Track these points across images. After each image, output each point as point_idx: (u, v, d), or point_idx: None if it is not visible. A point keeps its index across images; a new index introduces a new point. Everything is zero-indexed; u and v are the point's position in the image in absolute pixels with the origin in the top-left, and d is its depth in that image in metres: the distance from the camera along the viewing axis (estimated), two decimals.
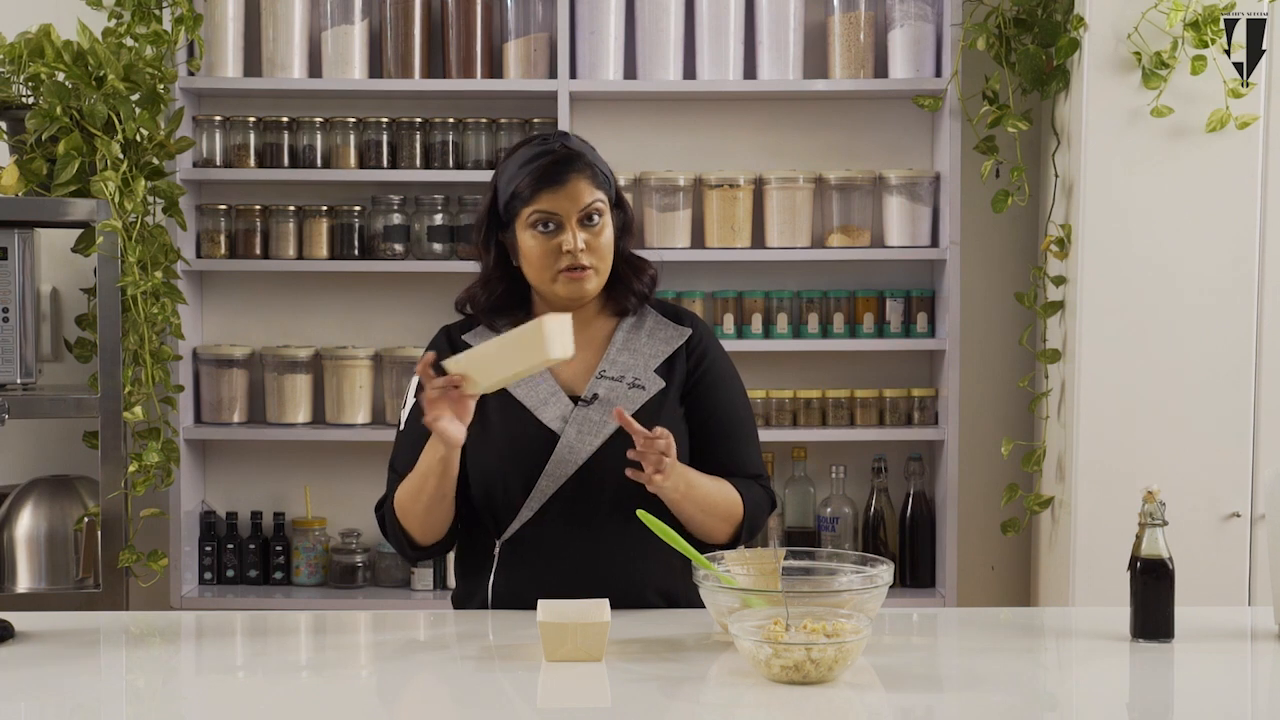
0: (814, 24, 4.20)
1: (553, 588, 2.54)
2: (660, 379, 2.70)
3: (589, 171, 2.65)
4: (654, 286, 2.80)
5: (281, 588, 4.17)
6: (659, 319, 2.78)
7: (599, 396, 2.66)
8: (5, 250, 3.76)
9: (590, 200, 2.64)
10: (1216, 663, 2.38)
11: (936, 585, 4.14)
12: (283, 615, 3.24)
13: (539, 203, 2.63)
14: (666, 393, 2.70)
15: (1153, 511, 2.42)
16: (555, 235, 2.63)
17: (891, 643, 2.49)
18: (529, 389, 2.67)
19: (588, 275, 2.65)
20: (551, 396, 2.67)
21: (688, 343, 2.75)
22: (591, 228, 2.65)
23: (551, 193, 2.62)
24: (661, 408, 2.68)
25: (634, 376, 2.69)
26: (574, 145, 2.70)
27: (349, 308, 4.27)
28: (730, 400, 2.77)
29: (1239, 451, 3.72)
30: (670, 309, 2.82)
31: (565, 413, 2.65)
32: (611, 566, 2.63)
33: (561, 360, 2.45)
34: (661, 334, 2.75)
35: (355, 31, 4.11)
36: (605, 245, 2.67)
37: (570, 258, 2.63)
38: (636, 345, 2.73)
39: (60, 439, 4.15)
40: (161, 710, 2.22)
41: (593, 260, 2.65)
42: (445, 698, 2.22)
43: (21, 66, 3.64)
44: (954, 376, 4.08)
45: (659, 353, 2.73)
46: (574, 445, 2.62)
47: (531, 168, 2.64)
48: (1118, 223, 3.71)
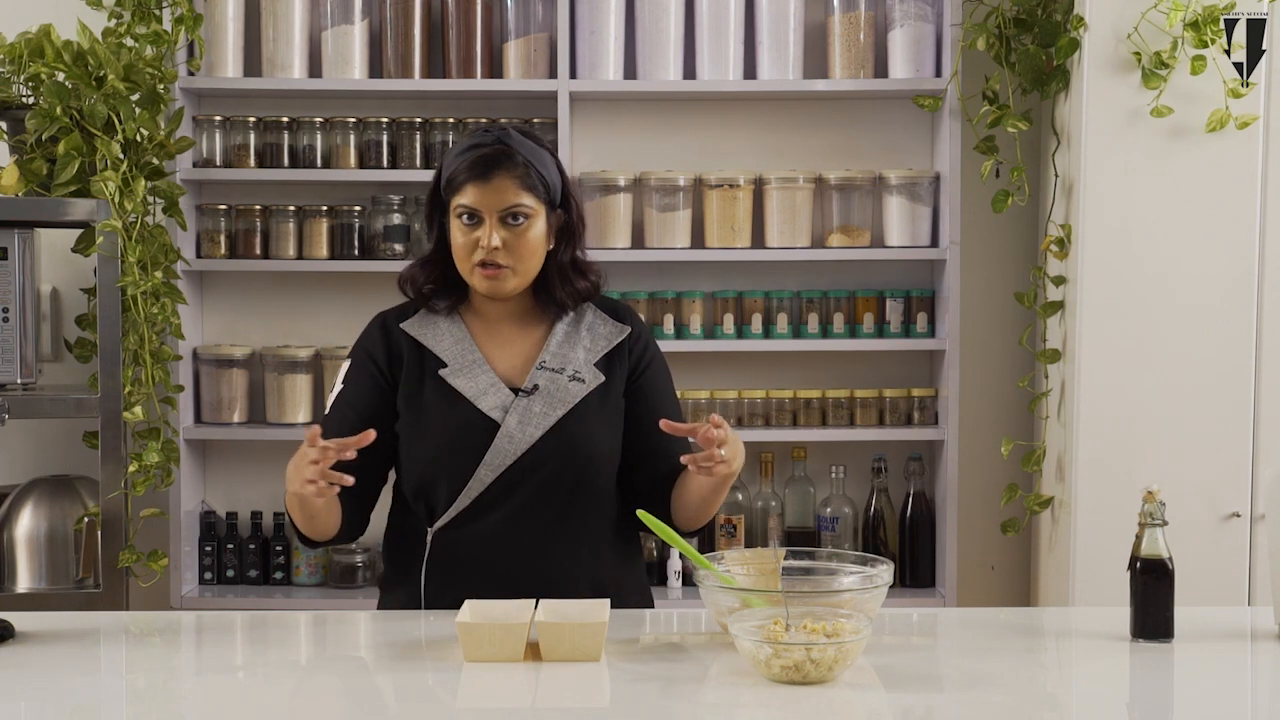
0: (814, 24, 4.20)
1: (486, 577, 2.59)
2: (600, 373, 2.72)
3: (519, 171, 2.66)
4: (593, 294, 2.80)
5: (281, 588, 4.17)
6: (598, 314, 2.80)
7: (539, 387, 2.68)
8: (5, 250, 3.76)
9: (514, 201, 2.65)
10: (1216, 663, 2.38)
11: (936, 585, 4.14)
12: (283, 615, 3.24)
13: (464, 195, 2.66)
14: (607, 387, 2.72)
15: (1153, 511, 2.42)
16: (475, 229, 2.66)
17: (891, 643, 2.49)
18: (467, 379, 2.68)
19: (502, 274, 2.67)
20: (491, 387, 2.68)
21: (628, 340, 2.77)
22: (514, 227, 2.66)
23: (476, 187, 2.65)
24: (601, 401, 2.71)
25: (574, 369, 2.71)
26: (512, 143, 2.69)
27: (349, 308, 4.26)
28: (668, 397, 2.81)
29: (1239, 451, 3.72)
30: (609, 304, 2.83)
31: (505, 403, 2.66)
32: (544, 557, 2.65)
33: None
34: (601, 329, 2.77)
35: (355, 31, 4.11)
36: (527, 247, 2.67)
37: (483, 253, 2.65)
38: (576, 339, 2.75)
39: (60, 439, 4.15)
40: (161, 710, 2.22)
41: (509, 260, 2.66)
42: (445, 697, 2.22)
43: (21, 66, 3.64)
44: (954, 376, 4.08)
45: (599, 348, 2.75)
46: (514, 435, 2.64)
47: (464, 159, 2.68)
48: (1118, 223, 3.70)
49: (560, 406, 2.66)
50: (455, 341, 2.72)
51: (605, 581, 2.69)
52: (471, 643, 2.28)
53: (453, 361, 2.69)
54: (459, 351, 2.71)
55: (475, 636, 2.28)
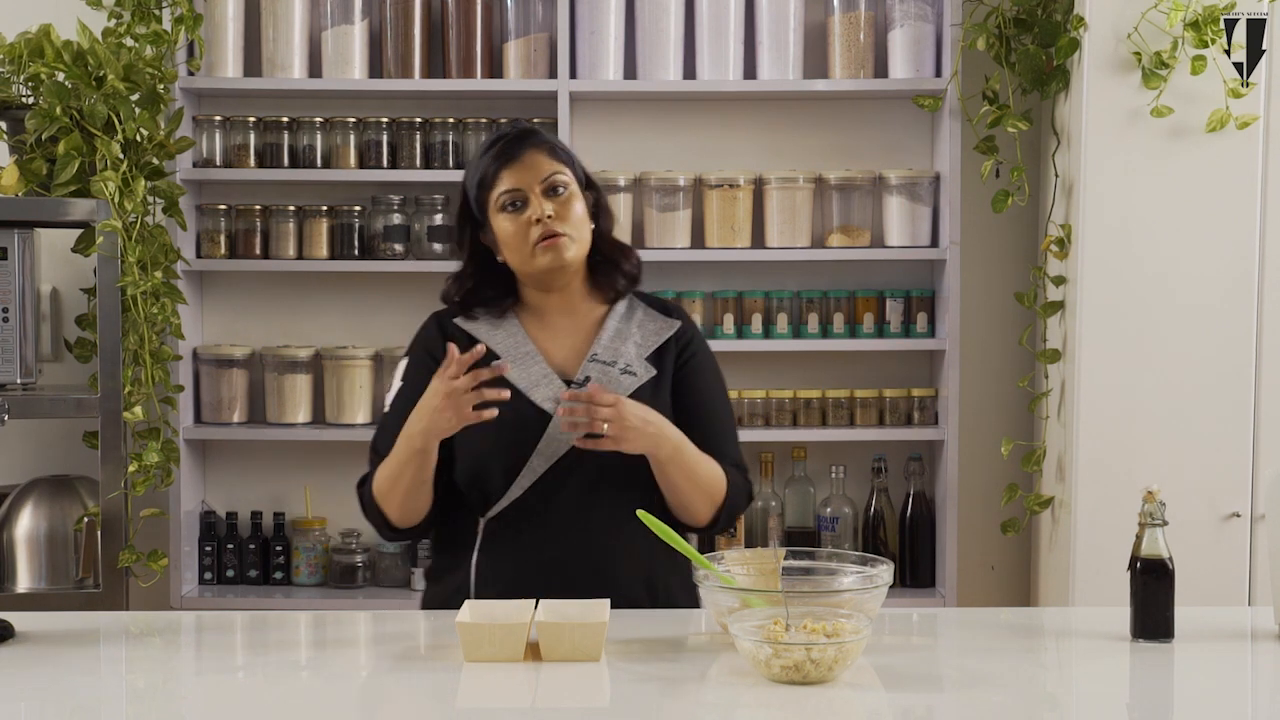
0: (814, 24, 4.20)
1: (536, 566, 2.61)
2: (651, 367, 2.75)
3: (545, 146, 2.73)
4: (640, 270, 2.84)
5: (281, 588, 4.17)
6: (648, 310, 2.83)
7: (591, 379, 2.70)
8: (5, 250, 3.76)
9: (550, 171, 2.70)
10: (1216, 663, 2.37)
11: (936, 585, 4.14)
12: (283, 615, 3.24)
13: (501, 183, 2.69)
14: (658, 381, 2.74)
15: (1153, 511, 2.42)
16: (523, 210, 2.69)
17: (891, 643, 2.49)
18: (521, 371, 2.70)
19: (563, 241, 2.69)
20: (543, 379, 2.70)
21: (676, 334, 2.80)
22: (557, 197, 2.70)
23: (511, 170, 2.69)
24: (653, 396, 2.72)
25: (626, 363, 2.73)
26: (528, 125, 2.78)
27: (349, 308, 4.27)
28: (713, 393, 2.82)
29: (1239, 451, 3.72)
30: (658, 302, 2.87)
31: (557, 394, 2.68)
32: (594, 549, 2.66)
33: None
34: (651, 325, 2.80)
35: (355, 31, 4.11)
36: (577, 216, 2.72)
37: (541, 226, 2.67)
38: (628, 333, 2.78)
39: (60, 439, 4.15)
40: (161, 710, 2.22)
41: (565, 228, 2.69)
42: (445, 697, 2.22)
43: (21, 66, 3.64)
44: (954, 376, 4.08)
45: (649, 342, 2.78)
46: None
47: (490, 153, 2.72)
48: (1118, 223, 3.70)
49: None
50: (509, 335, 2.76)
51: (655, 576, 2.70)
52: (471, 643, 2.28)
53: (506, 354, 2.72)
54: (512, 344, 2.74)
55: (475, 636, 2.28)
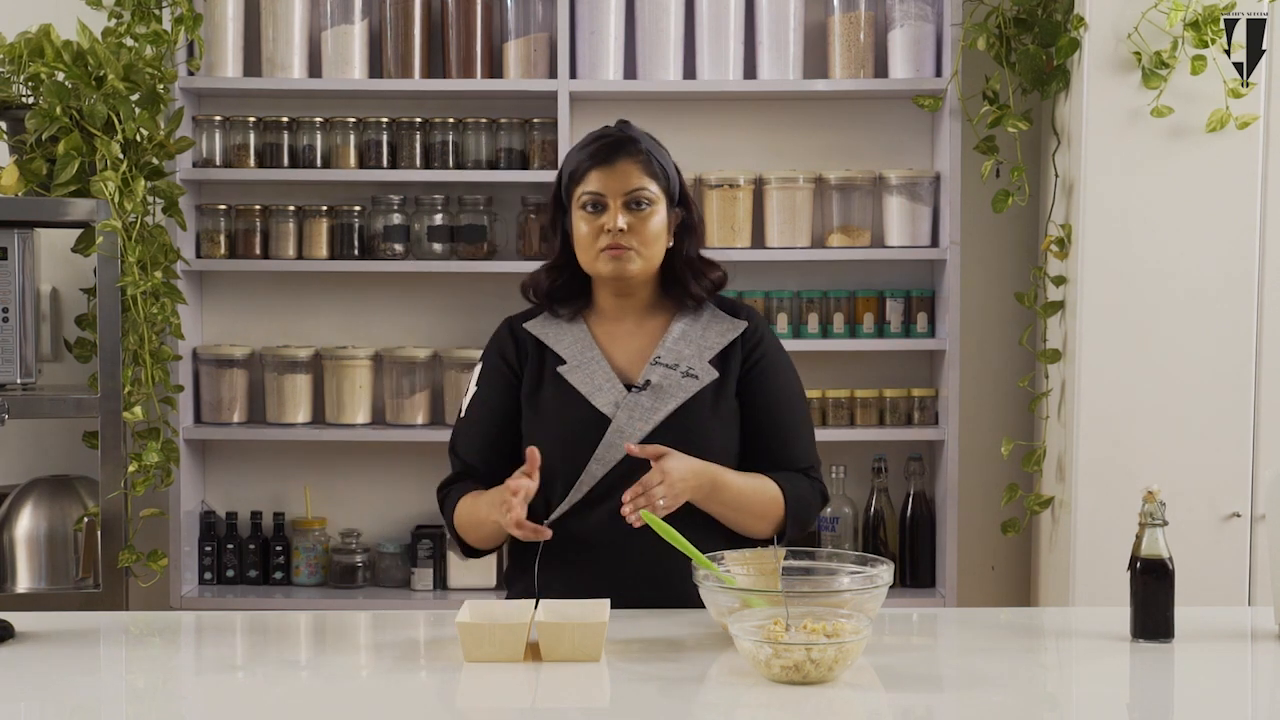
0: (814, 24, 4.20)
1: (595, 570, 2.63)
2: (714, 370, 2.74)
3: (641, 158, 2.72)
4: (716, 290, 2.84)
5: (281, 588, 4.17)
6: (716, 312, 2.83)
7: (651, 383, 2.71)
8: (5, 250, 3.76)
9: (637, 185, 2.70)
10: (1216, 663, 2.38)
11: (936, 585, 4.14)
12: (283, 615, 3.24)
13: (588, 182, 2.71)
14: (722, 384, 2.74)
15: (1153, 511, 2.42)
16: (599, 215, 2.70)
17: (891, 643, 2.49)
18: (584, 375, 2.72)
19: (627, 255, 2.70)
20: (606, 383, 2.72)
21: (743, 335, 2.79)
22: (638, 211, 2.70)
23: (600, 173, 2.70)
24: (716, 398, 2.72)
25: (688, 365, 2.73)
26: (633, 132, 2.77)
27: (349, 308, 4.27)
28: (784, 393, 2.80)
29: (1239, 451, 3.72)
30: (729, 303, 2.86)
31: (618, 398, 2.70)
32: (651, 554, 2.62)
33: None
34: (718, 326, 2.80)
35: (355, 31, 4.11)
36: (651, 232, 2.72)
37: (609, 237, 2.68)
38: (693, 336, 2.77)
39: (60, 439, 4.15)
40: (161, 710, 2.22)
41: (634, 243, 2.70)
42: (445, 697, 2.22)
43: (21, 66, 3.64)
44: (954, 376, 4.07)
45: (714, 344, 2.77)
46: (624, 429, 2.67)
47: (587, 150, 2.73)
48: (1118, 223, 3.70)
49: (670, 401, 2.69)
50: (575, 340, 2.76)
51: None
52: (471, 643, 2.28)
53: (571, 359, 2.74)
54: (578, 349, 2.75)
55: (475, 636, 2.28)
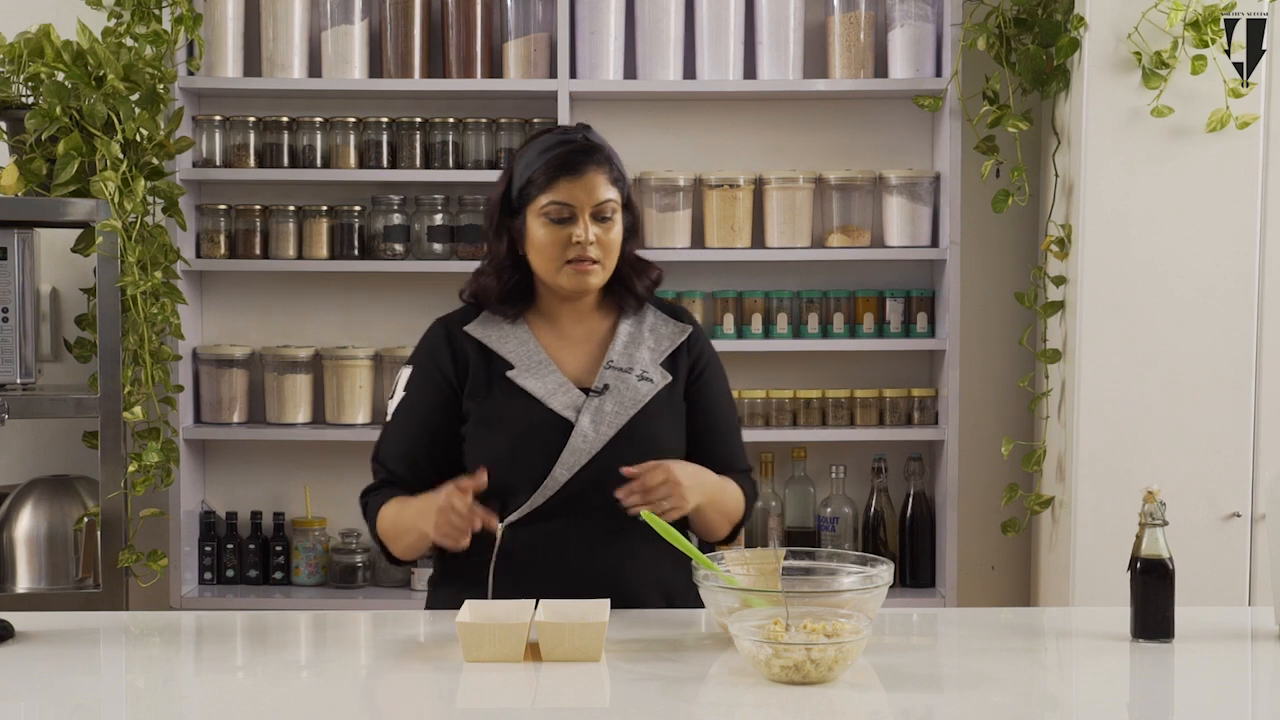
0: (814, 24, 4.20)
1: (554, 574, 2.60)
2: (666, 373, 2.75)
3: (608, 166, 2.70)
4: (654, 289, 2.84)
5: (281, 588, 4.17)
6: (659, 315, 2.83)
7: (609, 387, 2.70)
8: (5, 250, 3.76)
9: (606, 197, 2.69)
10: (1216, 663, 2.38)
11: (936, 585, 4.14)
12: (283, 615, 3.23)
13: (555, 192, 2.66)
14: (673, 386, 2.75)
15: (1153, 511, 2.42)
16: (567, 226, 2.67)
17: (891, 643, 2.49)
18: (537, 380, 2.69)
19: (594, 270, 2.69)
20: (560, 387, 2.69)
21: (688, 341, 2.81)
22: (604, 223, 2.69)
23: (569, 182, 2.66)
24: (669, 401, 2.73)
25: (642, 369, 2.73)
26: (595, 138, 2.73)
27: (349, 308, 4.27)
28: (725, 396, 2.85)
29: (1239, 451, 3.72)
30: (668, 306, 2.87)
31: (576, 402, 2.68)
32: (614, 558, 2.65)
33: None
34: (663, 330, 2.80)
35: (355, 31, 4.11)
36: (614, 242, 2.72)
37: (579, 249, 2.66)
38: (640, 339, 2.77)
39: (60, 439, 4.15)
40: (161, 710, 2.22)
41: (600, 255, 2.69)
42: (445, 697, 2.22)
43: (21, 66, 3.64)
44: (954, 376, 4.07)
45: (662, 348, 2.78)
46: (588, 434, 2.65)
47: (551, 155, 2.67)
48: (1118, 222, 3.70)
49: (631, 406, 2.68)
50: (520, 343, 2.73)
51: (674, 583, 2.69)
52: (471, 643, 2.28)
53: (520, 363, 2.71)
54: (525, 353, 2.72)
55: (475, 636, 2.28)
